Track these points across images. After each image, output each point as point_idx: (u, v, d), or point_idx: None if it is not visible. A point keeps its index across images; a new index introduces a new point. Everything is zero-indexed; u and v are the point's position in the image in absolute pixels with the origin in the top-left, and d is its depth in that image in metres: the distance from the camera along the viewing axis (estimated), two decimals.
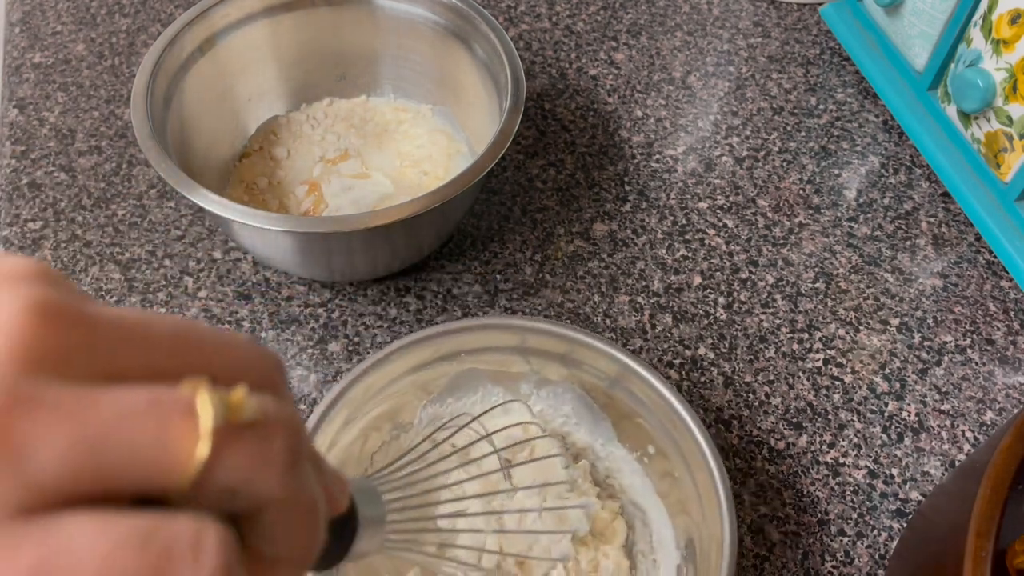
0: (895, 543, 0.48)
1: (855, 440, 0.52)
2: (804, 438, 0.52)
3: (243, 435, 0.18)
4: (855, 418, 0.52)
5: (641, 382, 0.43)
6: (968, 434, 0.52)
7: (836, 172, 0.65)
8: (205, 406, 0.17)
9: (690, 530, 0.43)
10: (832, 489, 0.50)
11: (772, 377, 0.54)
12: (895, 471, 0.50)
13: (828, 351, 0.55)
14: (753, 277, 0.59)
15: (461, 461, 0.43)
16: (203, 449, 0.17)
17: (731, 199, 0.63)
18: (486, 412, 0.44)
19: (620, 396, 0.45)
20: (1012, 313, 0.58)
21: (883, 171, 0.66)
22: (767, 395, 0.53)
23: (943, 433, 0.52)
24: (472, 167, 0.49)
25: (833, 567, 0.47)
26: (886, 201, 0.64)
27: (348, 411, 0.43)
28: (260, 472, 0.18)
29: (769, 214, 0.62)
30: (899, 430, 0.52)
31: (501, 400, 0.48)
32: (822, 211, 0.63)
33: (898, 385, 0.54)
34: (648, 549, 0.45)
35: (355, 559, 0.27)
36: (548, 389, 0.48)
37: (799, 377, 0.54)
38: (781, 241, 0.61)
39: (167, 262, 0.57)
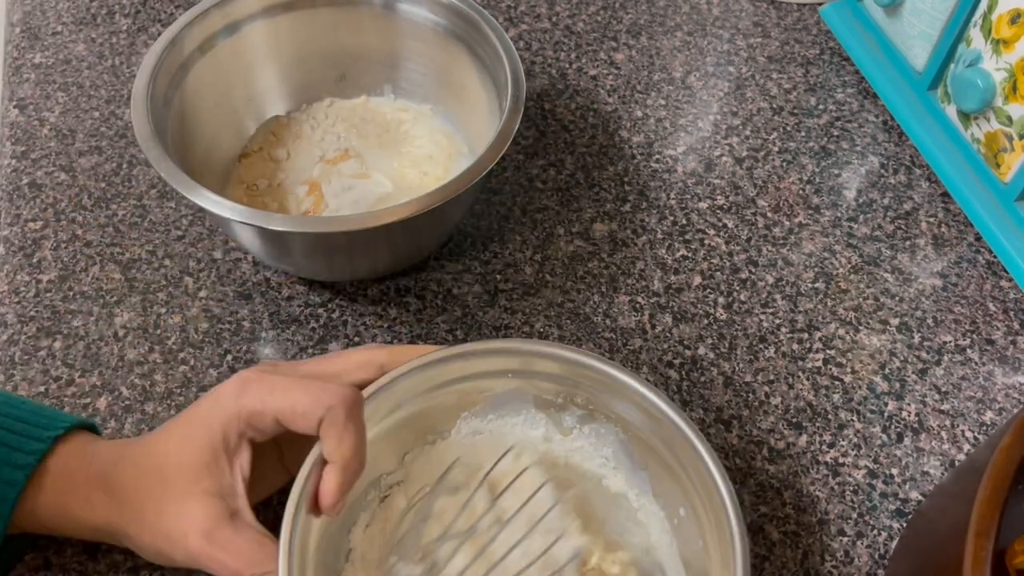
0: (895, 543, 0.48)
1: (855, 440, 0.52)
2: (804, 438, 0.52)
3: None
4: (855, 418, 0.53)
5: (685, 443, 0.42)
6: (968, 434, 0.52)
7: (836, 172, 0.65)
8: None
9: None
10: (832, 489, 0.50)
11: (772, 377, 0.54)
12: (895, 471, 0.51)
13: (828, 351, 0.55)
14: (753, 277, 0.59)
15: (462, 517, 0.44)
16: None
17: (731, 199, 0.63)
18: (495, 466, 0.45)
19: (662, 451, 0.44)
20: (1012, 313, 0.58)
21: (883, 171, 0.66)
22: (767, 395, 0.53)
23: (943, 433, 0.52)
24: (472, 167, 0.49)
25: (833, 567, 0.47)
26: (886, 201, 0.64)
27: (395, 400, 0.43)
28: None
29: (769, 214, 0.62)
30: (899, 430, 0.52)
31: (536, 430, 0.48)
32: (822, 211, 0.63)
33: (898, 385, 0.54)
34: None
35: None
36: (592, 427, 0.46)
37: (799, 377, 0.54)
38: (781, 241, 0.61)
39: (167, 262, 0.57)
